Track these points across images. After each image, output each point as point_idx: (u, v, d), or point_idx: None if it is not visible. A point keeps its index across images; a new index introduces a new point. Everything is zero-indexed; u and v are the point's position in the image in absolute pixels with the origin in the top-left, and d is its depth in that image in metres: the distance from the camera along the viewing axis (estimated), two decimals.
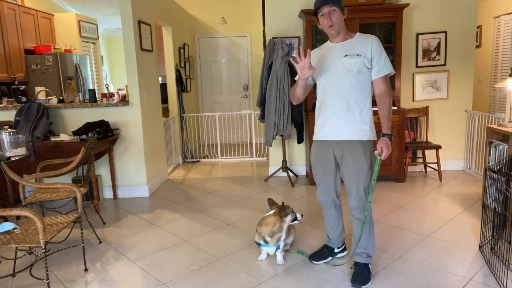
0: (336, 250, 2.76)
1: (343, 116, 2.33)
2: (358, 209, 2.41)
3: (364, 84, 2.32)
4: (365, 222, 2.40)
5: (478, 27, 6.35)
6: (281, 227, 2.62)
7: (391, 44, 4.53)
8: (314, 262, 2.71)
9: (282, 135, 4.53)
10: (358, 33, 2.38)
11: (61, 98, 4.47)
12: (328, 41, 2.44)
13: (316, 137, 2.50)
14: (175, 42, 6.11)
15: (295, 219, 2.69)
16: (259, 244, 2.71)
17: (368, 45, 2.29)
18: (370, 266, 2.50)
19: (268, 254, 2.80)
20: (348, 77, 2.30)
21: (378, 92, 2.32)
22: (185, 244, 3.12)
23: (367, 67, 2.30)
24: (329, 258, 2.73)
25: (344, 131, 2.34)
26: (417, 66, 4.84)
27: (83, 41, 6.49)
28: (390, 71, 2.32)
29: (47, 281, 2.33)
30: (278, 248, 2.69)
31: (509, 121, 3.63)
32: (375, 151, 2.31)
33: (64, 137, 3.96)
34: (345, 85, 2.31)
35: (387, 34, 4.66)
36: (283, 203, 2.69)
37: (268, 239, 2.63)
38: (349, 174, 2.38)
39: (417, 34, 4.77)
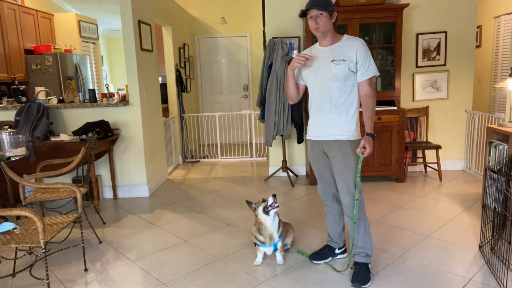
0: (337, 251, 2.76)
1: (331, 118, 2.42)
2: (351, 208, 2.45)
3: (351, 87, 2.39)
4: (355, 222, 2.42)
5: (478, 27, 6.35)
6: (260, 222, 2.62)
7: (391, 44, 4.53)
8: (314, 261, 2.71)
9: (282, 135, 4.53)
10: (345, 36, 2.43)
11: (61, 98, 4.47)
12: (318, 44, 2.50)
13: (307, 136, 2.61)
14: (175, 42, 6.11)
15: (266, 206, 2.58)
16: (257, 245, 2.71)
17: (354, 49, 2.34)
18: (369, 266, 2.50)
19: (265, 255, 2.79)
20: (335, 82, 2.37)
21: (363, 93, 2.39)
22: (185, 244, 3.12)
23: (353, 71, 2.36)
24: (330, 259, 2.74)
25: (332, 132, 2.43)
26: (417, 66, 4.84)
27: (83, 41, 6.49)
28: (374, 74, 2.38)
29: (47, 281, 2.33)
30: (275, 248, 2.69)
31: (509, 121, 3.63)
32: (357, 150, 2.36)
33: (64, 137, 3.96)
34: (332, 89, 2.39)
35: (387, 34, 4.66)
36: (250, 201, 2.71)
37: (260, 238, 2.64)
38: (339, 171, 2.44)
39: (417, 34, 4.77)
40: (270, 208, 2.59)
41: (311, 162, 2.64)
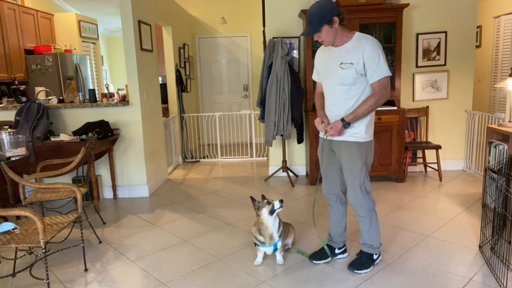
0: (337, 251, 2.77)
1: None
2: (356, 206, 2.51)
3: (361, 89, 2.38)
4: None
5: (478, 27, 6.35)
6: (262, 223, 2.61)
7: (391, 44, 4.52)
8: (314, 261, 2.71)
9: (282, 135, 4.53)
10: (356, 34, 2.36)
11: (61, 98, 4.47)
12: None
13: (320, 133, 2.63)
14: (175, 42, 6.11)
15: (272, 209, 2.57)
16: (257, 245, 2.70)
17: (360, 52, 2.29)
18: (375, 257, 2.57)
19: (265, 255, 2.79)
20: (344, 86, 2.37)
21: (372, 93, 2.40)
22: (185, 244, 3.12)
23: (361, 74, 2.32)
24: (329, 259, 2.74)
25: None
26: (417, 66, 4.84)
27: (83, 41, 6.49)
28: (383, 75, 2.30)
29: (47, 281, 2.33)
30: (275, 248, 2.69)
31: (509, 121, 3.63)
32: (323, 125, 2.43)
33: (64, 137, 3.96)
34: (341, 93, 2.39)
35: (387, 34, 4.66)
36: (253, 197, 2.69)
37: (260, 238, 2.64)
38: (346, 170, 2.48)
39: (417, 34, 4.77)
40: (273, 210, 2.59)
41: (320, 160, 2.65)
